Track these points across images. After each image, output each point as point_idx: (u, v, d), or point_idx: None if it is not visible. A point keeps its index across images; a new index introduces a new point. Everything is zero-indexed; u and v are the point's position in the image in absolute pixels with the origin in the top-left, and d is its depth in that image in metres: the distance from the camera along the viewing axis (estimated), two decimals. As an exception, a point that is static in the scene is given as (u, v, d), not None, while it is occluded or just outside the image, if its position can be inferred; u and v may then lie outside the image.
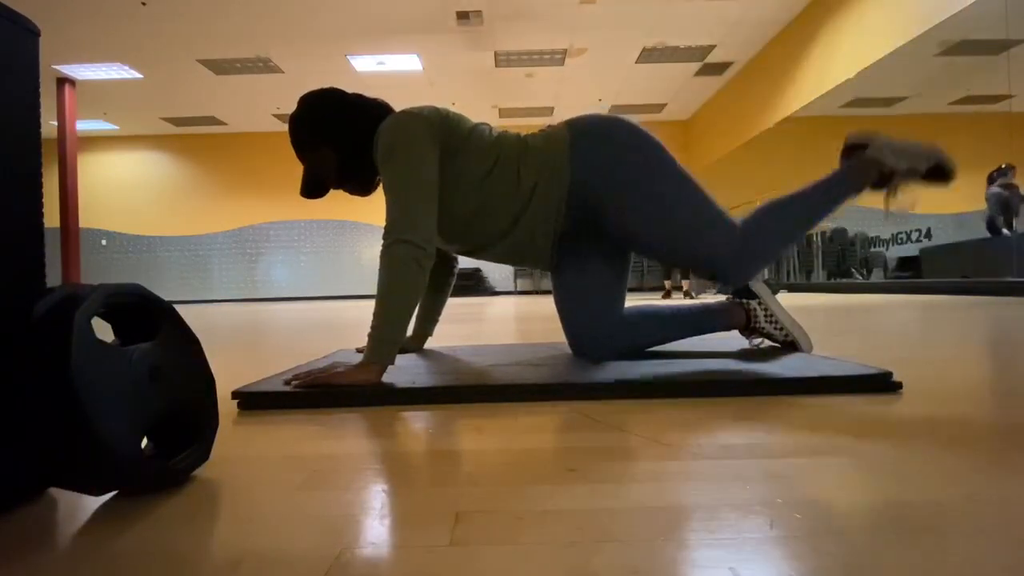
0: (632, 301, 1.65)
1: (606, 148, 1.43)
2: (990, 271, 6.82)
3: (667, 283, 8.28)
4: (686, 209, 1.41)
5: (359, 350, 1.66)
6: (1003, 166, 7.40)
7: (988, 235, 7.56)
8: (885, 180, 1.43)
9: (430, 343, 1.95)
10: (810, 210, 1.47)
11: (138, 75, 9.60)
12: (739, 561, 0.48)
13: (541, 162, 1.44)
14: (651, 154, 1.43)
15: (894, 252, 10.23)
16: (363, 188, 1.54)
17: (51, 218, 9.84)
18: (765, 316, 1.57)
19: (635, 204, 1.42)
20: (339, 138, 1.45)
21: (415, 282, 1.27)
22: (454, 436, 0.92)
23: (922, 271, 8.88)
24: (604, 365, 1.37)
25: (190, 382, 0.76)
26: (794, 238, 1.49)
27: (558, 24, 8.21)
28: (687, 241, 1.42)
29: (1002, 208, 7.32)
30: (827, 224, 9.28)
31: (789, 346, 1.56)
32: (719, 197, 1.45)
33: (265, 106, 11.39)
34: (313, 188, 1.50)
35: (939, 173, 1.41)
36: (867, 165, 1.44)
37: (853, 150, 1.48)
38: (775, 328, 1.56)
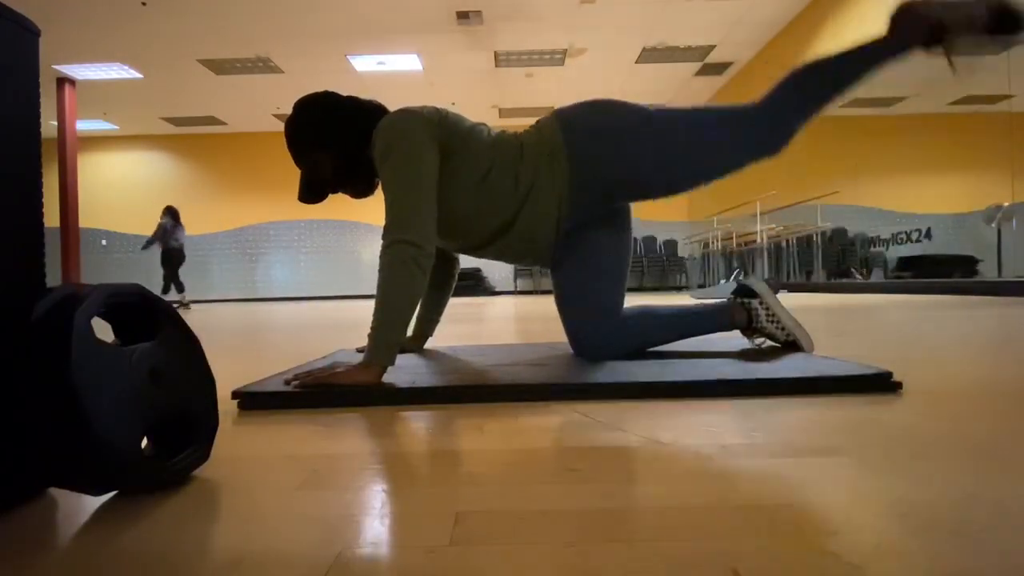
0: (633, 301, 1.65)
1: (598, 130, 1.43)
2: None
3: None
4: (694, 132, 1.41)
5: (359, 350, 1.66)
6: None
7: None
8: (937, 36, 1.24)
9: (430, 343, 1.95)
10: (845, 73, 1.36)
11: (138, 75, 9.61)
12: (739, 561, 0.48)
13: (538, 160, 1.43)
14: (639, 114, 1.43)
15: (894, 252, 10.21)
16: (362, 190, 1.53)
17: (51, 218, 9.83)
18: (767, 316, 1.56)
19: (652, 162, 1.42)
20: (335, 141, 1.44)
21: (414, 282, 1.27)
22: (454, 436, 0.92)
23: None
24: (604, 365, 1.37)
25: (190, 382, 0.76)
26: (825, 102, 1.39)
27: (558, 24, 8.21)
28: (720, 154, 1.42)
29: None
30: (827, 224, 9.27)
31: (790, 346, 1.56)
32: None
33: (265, 106, 11.40)
34: (311, 193, 1.50)
35: (1007, 20, 1.19)
36: (912, 20, 1.27)
37: (900, 16, 1.32)
38: (777, 328, 1.56)
